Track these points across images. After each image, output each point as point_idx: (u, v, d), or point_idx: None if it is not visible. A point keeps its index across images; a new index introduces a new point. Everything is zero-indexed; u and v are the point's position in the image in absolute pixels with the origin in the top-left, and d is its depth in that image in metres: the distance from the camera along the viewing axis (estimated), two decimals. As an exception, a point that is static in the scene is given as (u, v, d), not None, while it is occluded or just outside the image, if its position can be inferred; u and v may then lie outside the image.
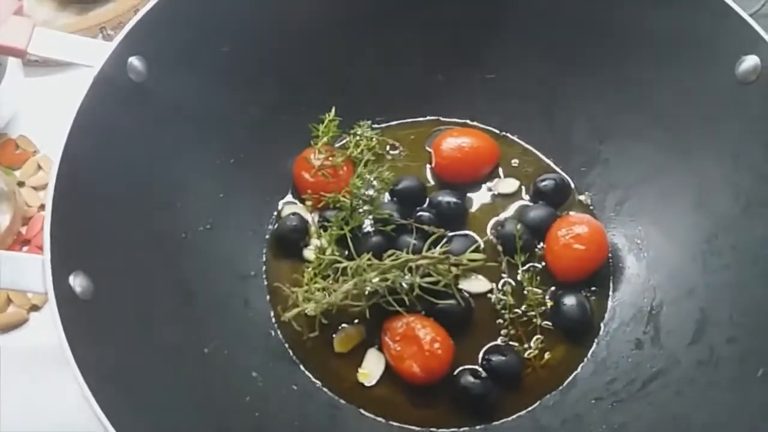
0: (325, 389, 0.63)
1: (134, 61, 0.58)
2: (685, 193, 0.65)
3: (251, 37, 0.66)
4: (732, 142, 0.61)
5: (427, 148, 0.75)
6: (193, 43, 0.62)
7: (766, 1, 0.82)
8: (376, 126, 0.75)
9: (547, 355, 0.65)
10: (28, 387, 0.66)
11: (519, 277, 0.68)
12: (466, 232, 0.70)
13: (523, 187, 0.73)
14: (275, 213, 0.72)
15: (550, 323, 0.66)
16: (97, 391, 0.46)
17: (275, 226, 0.70)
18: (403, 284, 0.62)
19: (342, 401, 0.63)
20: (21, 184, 0.77)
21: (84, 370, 0.46)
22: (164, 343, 0.56)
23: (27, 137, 0.80)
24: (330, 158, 0.69)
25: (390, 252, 0.63)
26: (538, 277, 0.68)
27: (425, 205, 0.71)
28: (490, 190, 0.73)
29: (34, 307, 0.70)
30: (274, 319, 0.66)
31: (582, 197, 0.72)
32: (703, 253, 0.62)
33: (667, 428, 0.56)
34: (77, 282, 0.50)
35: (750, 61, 0.58)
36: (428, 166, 0.74)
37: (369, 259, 0.62)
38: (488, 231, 0.70)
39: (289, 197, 0.72)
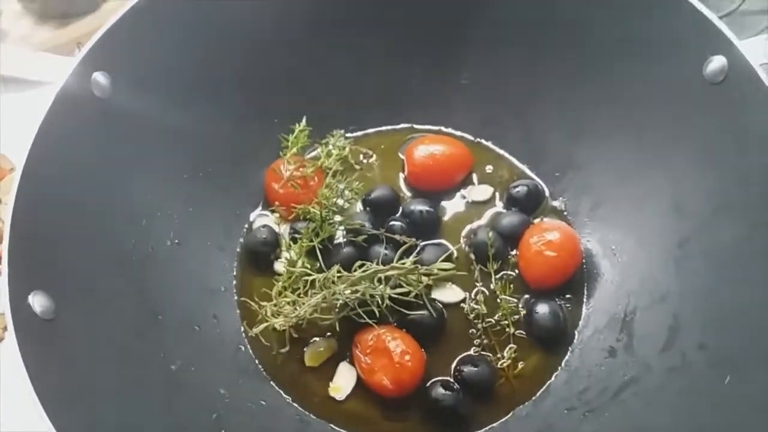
0: (295, 404, 0.63)
1: (98, 76, 0.58)
2: (658, 195, 0.64)
3: (218, 50, 0.66)
4: (702, 144, 0.60)
5: (400, 156, 0.74)
6: (158, 58, 0.62)
7: (742, 1, 0.82)
8: (349, 135, 0.75)
9: (520, 365, 0.64)
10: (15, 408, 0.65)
11: (492, 286, 0.67)
12: (439, 240, 0.69)
13: (497, 194, 0.73)
14: (246, 226, 0.71)
15: (523, 332, 0.65)
16: (55, 410, 0.46)
17: (245, 239, 0.70)
18: (374, 296, 0.61)
19: (312, 416, 0.62)
20: (-3, 201, 0.77)
21: (41, 391, 0.46)
22: (129, 361, 0.56)
23: (4, 155, 0.80)
24: (300, 169, 0.69)
25: (359, 263, 0.62)
26: (512, 285, 0.67)
27: (398, 215, 0.70)
28: (463, 197, 0.73)
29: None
30: (243, 334, 0.65)
31: (556, 203, 0.72)
32: (675, 258, 0.61)
33: (637, 438, 0.55)
34: (37, 301, 0.49)
35: (717, 62, 0.57)
36: (401, 174, 0.74)
37: (339, 271, 0.62)
38: (461, 239, 0.70)
39: (260, 210, 0.72)
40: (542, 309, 0.64)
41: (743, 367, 0.52)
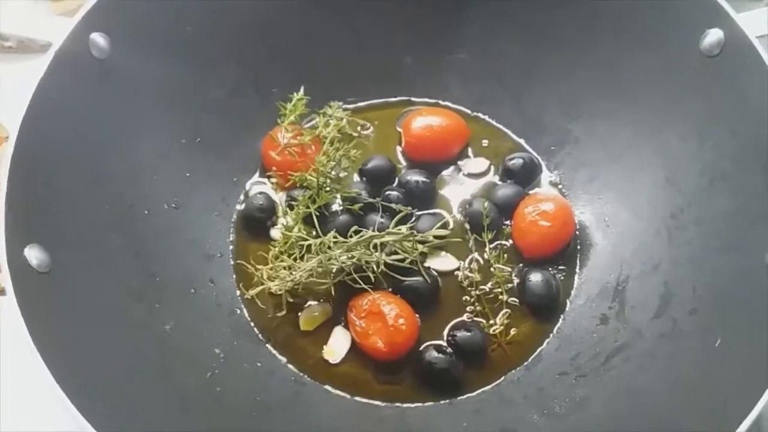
0: (290, 366, 0.63)
1: (97, 37, 0.58)
2: (652, 169, 0.65)
3: (216, 16, 0.66)
4: (697, 118, 0.61)
5: (397, 128, 0.74)
6: (157, 21, 0.62)
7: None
8: (346, 107, 0.75)
9: (513, 332, 0.65)
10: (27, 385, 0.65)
11: (486, 255, 0.68)
12: (435, 210, 0.70)
13: (492, 167, 0.73)
14: (243, 192, 0.71)
15: (516, 300, 0.66)
16: (54, 366, 0.46)
17: (242, 206, 0.70)
18: (369, 262, 0.62)
19: (307, 378, 0.63)
20: (-8, 168, 0.77)
21: (39, 343, 0.46)
22: (125, 318, 0.56)
23: (0, 123, 0.80)
24: (297, 137, 0.69)
25: (355, 229, 0.63)
26: (506, 255, 0.68)
27: (394, 185, 0.71)
28: (459, 170, 0.73)
29: (3, 292, 0.70)
30: (240, 298, 0.66)
31: (551, 176, 0.72)
32: (668, 228, 0.62)
33: (628, 401, 0.56)
34: (33, 254, 0.50)
35: (714, 35, 0.58)
36: (398, 146, 0.74)
37: (334, 237, 0.62)
38: (456, 210, 0.70)
39: (257, 177, 0.72)
40: (535, 277, 0.65)
41: (733, 331, 0.53)
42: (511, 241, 0.68)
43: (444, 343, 0.63)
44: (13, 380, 0.64)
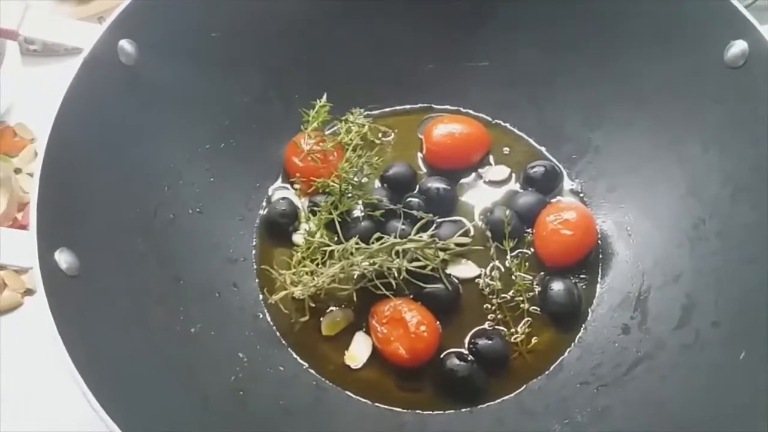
0: (311, 371, 0.64)
1: (125, 44, 0.58)
2: (674, 180, 0.65)
3: (242, 23, 0.66)
4: (719, 129, 0.61)
5: (419, 135, 0.75)
6: (183, 28, 0.63)
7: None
8: (368, 113, 0.75)
9: (534, 340, 0.65)
10: (21, 376, 0.66)
11: (507, 263, 0.68)
12: (456, 218, 0.70)
13: (513, 175, 0.73)
14: (266, 198, 0.72)
15: (537, 308, 0.66)
16: (82, 366, 0.46)
17: (265, 211, 0.71)
18: (391, 268, 0.62)
19: (328, 383, 0.63)
20: (18, 170, 0.78)
21: (69, 345, 0.47)
22: (150, 322, 0.57)
23: (25, 125, 0.81)
24: (320, 143, 0.70)
25: (377, 235, 0.63)
26: (527, 263, 0.68)
27: (415, 191, 0.71)
28: (480, 177, 0.73)
29: (29, 291, 0.71)
30: (263, 302, 0.66)
31: (572, 184, 0.72)
32: (690, 239, 0.62)
33: (650, 411, 0.56)
34: (63, 258, 0.50)
35: (738, 46, 0.58)
36: (419, 153, 0.74)
37: (357, 243, 0.63)
38: (477, 217, 0.70)
39: (279, 182, 0.73)
40: (557, 286, 0.65)
41: (759, 344, 0.52)
42: (532, 250, 0.68)
43: (465, 351, 0.64)
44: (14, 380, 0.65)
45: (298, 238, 0.69)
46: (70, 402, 0.62)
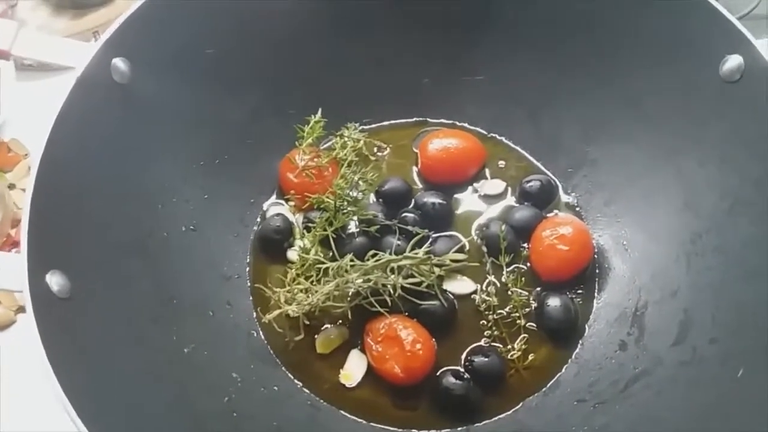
0: (305, 390, 0.63)
1: (118, 62, 0.58)
2: (671, 193, 0.64)
3: (236, 39, 0.66)
4: (717, 143, 0.61)
5: (414, 149, 0.74)
6: (177, 45, 0.62)
7: (758, 2, 0.82)
8: (363, 128, 0.75)
9: (530, 357, 0.64)
10: (13, 394, 0.66)
11: (504, 279, 0.67)
12: (451, 233, 0.70)
13: (509, 189, 0.73)
14: (260, 214, 0.72)
15: (534, 324, 0.65)
16: (71, 388, 0.46)
17: (259, 227, 0.70)
18: (386, 285, 0.61)
19: (323, 402, 0.62)
20: (12, 186, 0.78)
21: (57, 367, 0.46)
22: (143, 343, 0.56)
23: (19, 140, 0.81)
24: (315, 159, 0.69)
25: (372, 252, 0.63)
26: (523, 278, 0.67)
27: (410, 206, 0.71)
28: (476, 191, 0.73)
29: (22, 309, 0.71)
30: (256, 321, 0.66)
31: (568, 198, 0.72)
32: (687, 254, 0.62)
33: (647, 429, 0.55)
34: (54, 280, 0.50)
35: (734, 61, 0.57)
36: (414, 167, 0.74)
37: (351, 260, 0.62)
38: (473, 232, 0.70)
39: (274, 198, 0.72)
40: (553, 302, 0.65)
41: (757, 361, 0.52)
42: (528, 265, 0.68)
43: (461, 369, 0.63)
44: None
45: (292, 254, 0.68)
46: (64, 420, 0.61)
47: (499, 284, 0.67)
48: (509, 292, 0.67)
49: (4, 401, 0.66)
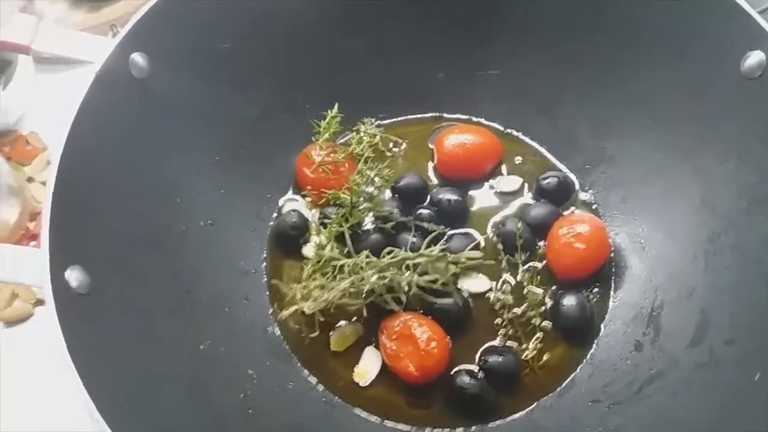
0: (320, 387, 0.63)
1: (136, 57, 0.58)
2: (689, 191, 0.64)
3: (252, 34, 0.66)
4: (735, 141, 0.60)
5: (430, 145, 0.74)
6: (194, 40, 0.63)
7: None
8: (379, 123, 0.75)
9: (545, 356, 0.64)
10: (30, 386, 0.67)
11: (519, 277, 0.67)
12: (467, 230, 0.70)
13: (525, 185, 0.72)
14: (276, 209, 0.72)
15: (549, 324, 0.65)
16: (90, 383, 0.46)
17: (275, 223, 0.70)
18: (401, 282, 0.61)
19: (337, 399, 0.63)
20: (30, 179, 0.79)
21: (78, 363, 0.47)
22: (161, 338, 0.57)
23: (37, 134, 0.82)
24: (331, 155, 0.69)
25: (388, 249, 0.63)
26: (539, 277, 0.67)
27: (426, 203, 0.70)
28: (492, 187, 0.72)
29: (40, 302, 0.71)
30: (272, 317, 0.66)
31: (585, 195, 0.72)
32: (705, 253, 0.61)
33: (663, 430, 0.55)
34: (73, 276, 0.50)
35: (755, 57, 0.57)
36: (430, 163, 0.74)
37: (367, 257, 0.62)
38: (489, 229, 0.70)
39: (290, 194, 0.73)
40: (569, 301, 0.64)
41: (773, 364, 0.51)
42: (544, 262, 0.68)
43: (475, 368, 0.63)
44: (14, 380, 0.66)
45: (308, 250, 0.68)
46: (80, 413, 0.62)
47: (514, 282, 0.67)
48: (524, 291, 0.66)
49: (24, 393, 0.66)
